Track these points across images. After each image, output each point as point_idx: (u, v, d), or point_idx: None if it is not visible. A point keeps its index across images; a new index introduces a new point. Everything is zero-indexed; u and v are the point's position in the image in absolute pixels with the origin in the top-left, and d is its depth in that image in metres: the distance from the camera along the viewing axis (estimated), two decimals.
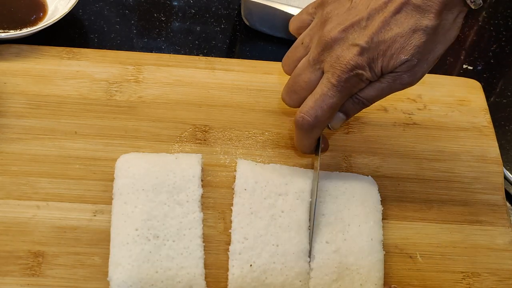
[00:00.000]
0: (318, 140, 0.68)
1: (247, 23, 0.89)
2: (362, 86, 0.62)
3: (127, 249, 0.63)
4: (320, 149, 0.69)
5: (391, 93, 0.63)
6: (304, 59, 0.64)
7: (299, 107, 0.64)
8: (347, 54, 0.60)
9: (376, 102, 0.81)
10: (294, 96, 0.65)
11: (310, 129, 0.64)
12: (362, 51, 0.59)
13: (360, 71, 0.60)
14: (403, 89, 0.62)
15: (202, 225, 0.66)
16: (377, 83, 0.62)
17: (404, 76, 0.60)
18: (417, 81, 0.62)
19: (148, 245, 0.63)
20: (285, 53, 0.68)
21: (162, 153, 0.71)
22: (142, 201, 0.66)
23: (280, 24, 0.85)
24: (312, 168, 0.72)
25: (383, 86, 0.62)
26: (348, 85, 0.61)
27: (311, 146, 0.68)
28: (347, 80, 0.60)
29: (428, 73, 0.85)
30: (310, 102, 0.63)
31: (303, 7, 0.70)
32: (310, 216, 0.67)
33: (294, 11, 0.83)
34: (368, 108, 0.79)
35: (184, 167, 0.69)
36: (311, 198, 0.68)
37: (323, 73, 0.62)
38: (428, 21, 0.58)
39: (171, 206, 0.66)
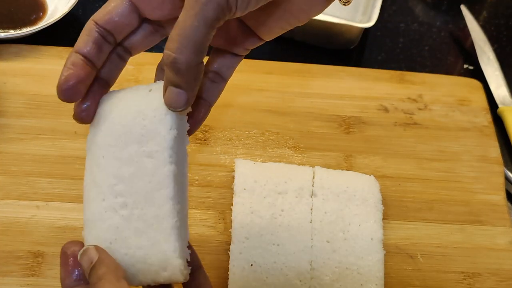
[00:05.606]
0: None
1: None
2: None
3: (96, 227, 0.48)
4: None
5: None
6: None
7: None
8: None
9: (377, 102, 0.81)
10: None
11: None
12: None
13: None
14: None
15: (174, 183, 0.47)
16: None
17: None
18: None
19: (116, 219, 0.48)
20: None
21: (136, 86, 0.52)
22: (109, 161, 0.48)
23: None
24: (312, 166, 0.71)
25: None
26: None
27: None
28: None
29: (429, 72, 0.86)
30: None
31: None
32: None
33: None
34: (368, 108, 0.80)
35: (157, 105, 0.48)
36: (310, 196, 0.68)
37: None
38: None
39: (139, 162, 0.48)
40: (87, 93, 0.50)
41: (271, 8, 0.49)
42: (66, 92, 0.48)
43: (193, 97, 0.47)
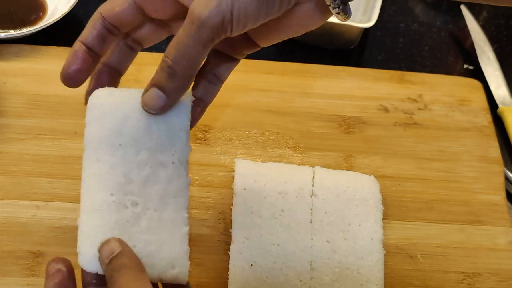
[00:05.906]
0: None
1: None
2: None
3: (100, 217, 0.50)
4: None
5: None
6: None
7: None
8: None
9: (377, 102, 0.81)
10: None
11: None
12: None
13: None
14: None
15: (189, 193, 0.52)
16: None
17: None
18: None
19: (126, 214, 0.50)
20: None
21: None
22: (119, 160, 0.51)
23: None
24: (312, 166, 0.71)
25: None
26: None
27: None
28: None
29: (429, 72, 0.86)
30: None
31: None
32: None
33: None
34: (368, 108, 0.80)
35: (170, 116, 0.52)
36: (310, 196, 0.68)
37: None
38: None
39: (152, 168, 0.52)
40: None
41: (271, 23, 0.51)
42: (67, 79, 0.52)
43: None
